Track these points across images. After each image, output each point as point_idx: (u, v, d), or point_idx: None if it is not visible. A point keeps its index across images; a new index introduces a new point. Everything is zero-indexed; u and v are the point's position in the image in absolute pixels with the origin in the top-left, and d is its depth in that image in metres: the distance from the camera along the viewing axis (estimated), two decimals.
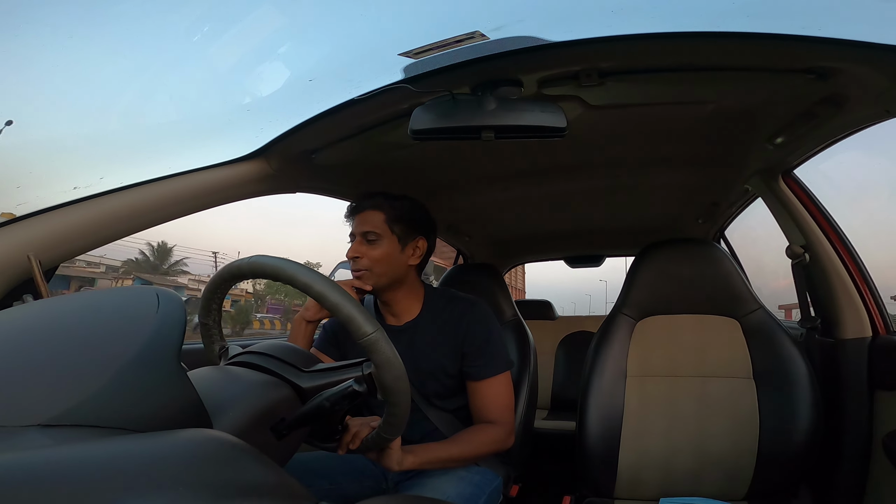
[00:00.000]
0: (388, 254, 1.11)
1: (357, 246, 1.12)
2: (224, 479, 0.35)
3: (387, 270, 1.12)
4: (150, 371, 0.43)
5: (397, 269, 1.13)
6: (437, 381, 1.16)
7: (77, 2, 1.25)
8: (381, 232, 1.11)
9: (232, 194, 1.10)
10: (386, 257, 1.11)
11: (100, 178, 0.92)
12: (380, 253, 1.11)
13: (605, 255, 2.92)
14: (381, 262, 1.11)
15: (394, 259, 1.12)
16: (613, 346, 1.30)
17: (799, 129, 1.09)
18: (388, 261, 1.11)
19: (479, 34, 0.83)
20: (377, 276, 1.11)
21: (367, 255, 1.10)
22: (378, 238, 1.11)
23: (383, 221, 1.12)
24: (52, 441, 0.34)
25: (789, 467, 1.15)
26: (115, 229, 0.91)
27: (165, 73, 1.23)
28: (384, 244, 1.11)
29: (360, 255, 1.11)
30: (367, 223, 1.12)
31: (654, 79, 0.95)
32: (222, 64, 1.22)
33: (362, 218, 1.13)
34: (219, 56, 1.21)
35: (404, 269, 1.15)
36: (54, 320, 0.47)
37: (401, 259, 1.13)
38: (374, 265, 1.10)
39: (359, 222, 1.13)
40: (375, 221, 1.12)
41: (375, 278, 1.11)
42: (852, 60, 0.83)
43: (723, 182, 1.59)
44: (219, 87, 1.29)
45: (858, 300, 1.22)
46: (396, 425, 0.72)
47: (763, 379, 1.20)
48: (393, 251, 1.12)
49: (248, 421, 0.54)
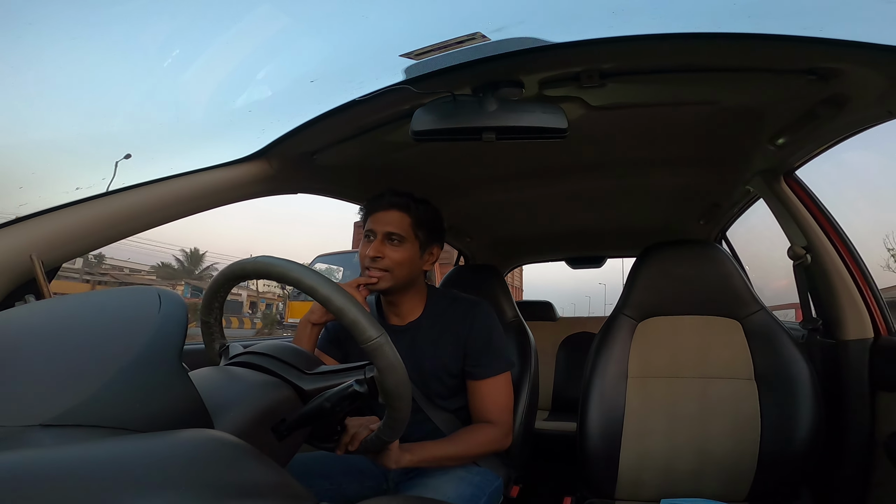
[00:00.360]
0: (409, 258, 1.10)
1: (379, 245, 1.08)
2: (225, 480, 0.35)
3: (406, 274, 1.11)
4: (152, 371, 0.43)
5: (414, 274, 1.13)
6: (439, 381, 1.16)
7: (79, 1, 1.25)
8: (406, 235, 1.09)
9: (233, 195, 1.10)
10: (408, 261, 1.10)
11: (102, 178, 0.92)
12: (402, 256, 1.08)
13: (606, 256, 2.92)
14: (402, 265, 1.09)
15: (414, 263, 1.11)
16: (615, 347, 1.30)
17: (801, 129, 1.09)
18: (409, 265, 1.10)
19: (480, 35, 0.83)
20: (395, 279, 1.09)
21: (389, 256, 1.08)
22: (402, 241, 1.09)
23: (410, 225, 1.09)
24: (54, 441, 0.35)
25: (790, 469, 1.14)
26: (118, 229, 0.91)
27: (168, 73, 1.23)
28: (407, 248, 1.09)
29: (382, 256, 1.08)
30: (392, 224, 1.09)
31: (656, 80, 0.95)
32: (224, 64, 1.22)
33: (386, 217, 1.09)
34: (221, 56, 1.21)
35: (419, 273, 1.15)
36: (56, 321, 0.47)
37: (418, 264, 1.13)
38: (395, 267, 1.08)
39: (382, 221, 1.09)
40: (402, 223, 1.09)
41: (394, 280, 1.09)
42: (854, 61, 0.82)
43: (724, 183, 1.59)
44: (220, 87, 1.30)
45: (860, 301, 1.22)
46: (396, 429, 0.73)
47: (764, 380, 1.20)
48: (414, 256, 1.11)
49: (249, 421, 0.54)
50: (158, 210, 0.96)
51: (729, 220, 2.05)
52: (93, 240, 0.88)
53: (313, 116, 1.01)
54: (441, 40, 0.85)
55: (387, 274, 1.08)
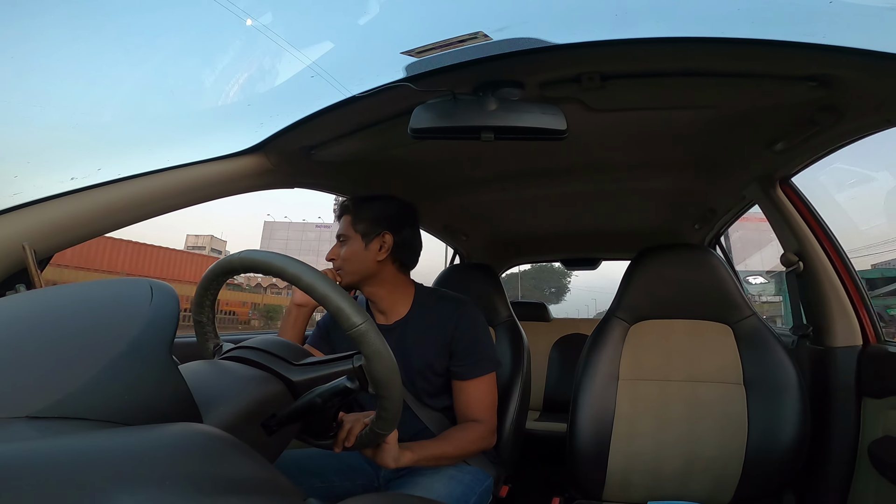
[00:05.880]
0: (354, 252, 1.17)
1: (334, 248, 1.21)
2: (212, 474, 0.35)
3: (356, 268, 1.17)
4: (141, 364, 0.42)
5: (366, 265, 1.17)
6: (425, 380, 1.17)
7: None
8: (348, 233, 1.18)
9: (230, 188, 1.10)
10: (353, 255, 1.17)
11: (97, 168, 0.92)
12: (347, 252, 1.17)
13: (601, 259, 2.92)
14: (349, 260, 1.17)
15: (360, 255, 1.17)
16: (606, 350, 1.31)
17: (799, 136, 1.09)
18: (354, 258, 1.17)
19: (481, 34, 0.83)
20: (348, 274, 1.18)
21: (340, 255, 1.19)
22: (347, 239, 1.18)
23: (349, 223, 1.19)
24: (39, 433, 0.34)
25: (775, 473, 1.15)
26: (112, 220, 0.91)
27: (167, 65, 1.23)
28: (351, 244, 1.18)
29: (334, 257, 1.20)
30: (340, 227, 1.21)
31: (656, 83, 0.95)
32: (224, 57, 1.21)
33: (339, 224, 1.23)
34: (221, 49, 1.20)
35: (373, 265, 1.18)
36: (45, 311, 0.47)
37: (366, 255, 1.17)
38: (343, 264, 1.18)
39: (337, 227, 1.23)
40: (345, 224, 1.20)
41: (347, 276, 1.18)
42: (854, 68, 0.83)
43: (721, 188, 1.59)
44: (219, 80, 1.29)
45: (850, 309, 1.23)
46: (389, 419, 0.72)
47: (753, 385, 1.21)
48: (358, 249, 1.17)
49: (237, 416, 0.54)
50: (153, 201, 0.95)
51: (724, 226, 2.06)
52: (86, 230, 0.88)
53: (312, 111, 1.01)
54: (442, 39, 0.85)
55: (342, 271, 1.18)
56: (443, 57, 0.86)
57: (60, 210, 0.85)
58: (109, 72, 1.49)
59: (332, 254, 1.21)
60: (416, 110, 0.92)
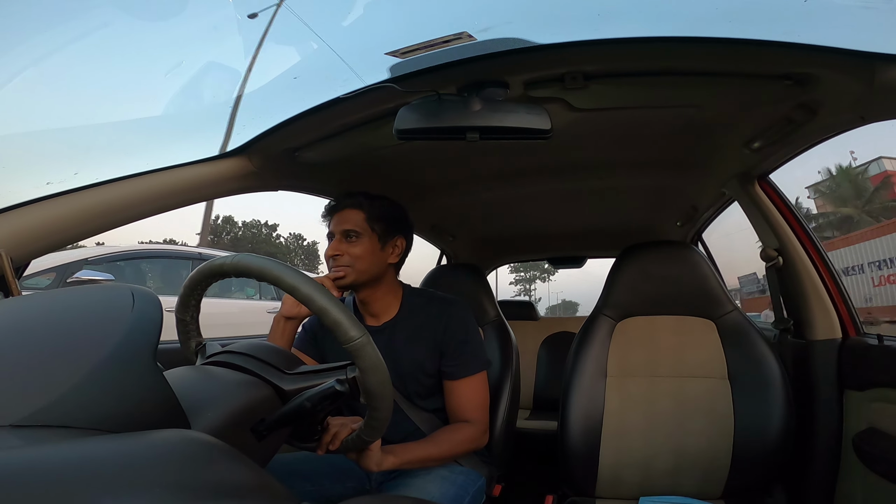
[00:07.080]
0: (369, 251, 1.12)
1: (337, 244, 1.13)
2: (202, 480, 0.34)
3: (368, 267, 1.13)
4: (125, 370, 0.41)
5: (378, 267, 1.14)
6: (416, 381, 1.16)
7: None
8: (361, 230, 1.12)
9: (212, 191, 1.08)
10: (367, 254, 1.12)
11: (74, 173, 0.89)
12: (360, 250, 1.11)
13: (586, 257, 2.95)
14: (362, 259, 1.11)
15: (375, 256, 1.13)
16: (594, 347, 1.32)
17: (776, 134, 1.11)
18: (369, 258, 1.12)
19: (466, 35, 0.83)
20: (358, 273, 1.12)
21: (347, 252, 1.11)
22: (359, 236, 1.12)
23: (364, 220, 1.13)
24: (23, 442, 0.33)
25: (763, 466, 1.17)
26: (91, 225, 0.88)
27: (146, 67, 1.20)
28: (365, 241, 1.12)
29: (341, 253, 1.11)
30: (348, 221, 1.13)
31: (637, 82, 0.97)
32: (205, 58, 1.19)
33: (342, 217, 1.14)
34: (202, 51, 1.18)
35: (384, 267, 1.16)
36: (25, 318, 0.46)
37: (381, 257, 1.15)
38: (355, 262, 1.11)
39: (338, 221, 1.14)
40: (356, 220, 1.13)
41: (356, 275, 1.12)
42: (829, 67, 0.85)
43: (702, 186, 1.62)
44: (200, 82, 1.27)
45: (829, 303, 1.26)
46: (377, 429, 0.72)
47: (737, 379, 1.23)
48: (374, 248, 1.13)
49: (227, 421, 0.53)
50: (133, 206, 0.93)
51: (705, 223, 2.09)
52: (64, 236, 0.85)
53: (296, 113, 1.00)
54: (427, 39, 0.85)
55: (349, 269, 1.11)
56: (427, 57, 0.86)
57: (37, 216, 0.82)
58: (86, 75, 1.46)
59: (336, 249, 1.12)
60: (401, 111, 0.92)
